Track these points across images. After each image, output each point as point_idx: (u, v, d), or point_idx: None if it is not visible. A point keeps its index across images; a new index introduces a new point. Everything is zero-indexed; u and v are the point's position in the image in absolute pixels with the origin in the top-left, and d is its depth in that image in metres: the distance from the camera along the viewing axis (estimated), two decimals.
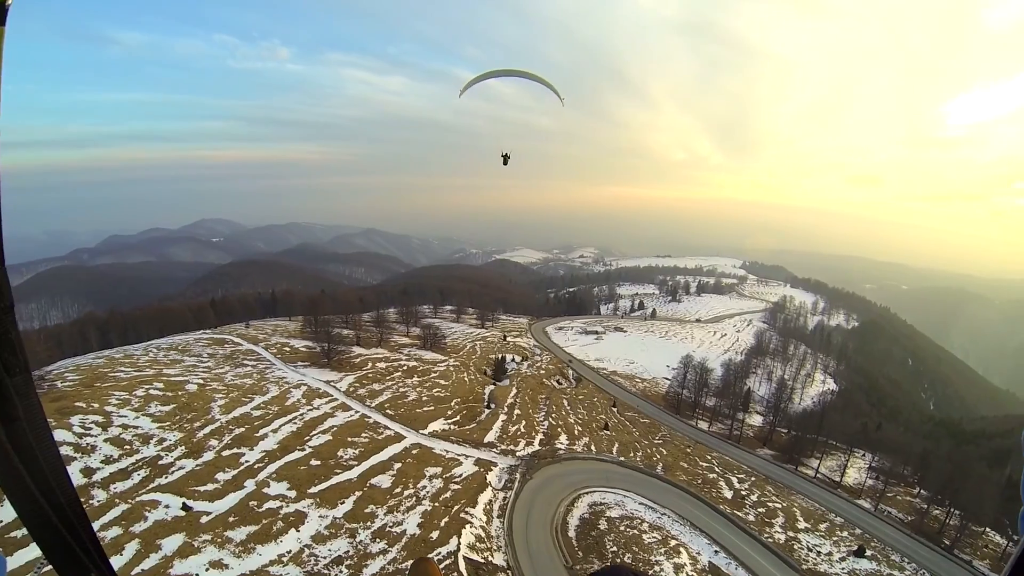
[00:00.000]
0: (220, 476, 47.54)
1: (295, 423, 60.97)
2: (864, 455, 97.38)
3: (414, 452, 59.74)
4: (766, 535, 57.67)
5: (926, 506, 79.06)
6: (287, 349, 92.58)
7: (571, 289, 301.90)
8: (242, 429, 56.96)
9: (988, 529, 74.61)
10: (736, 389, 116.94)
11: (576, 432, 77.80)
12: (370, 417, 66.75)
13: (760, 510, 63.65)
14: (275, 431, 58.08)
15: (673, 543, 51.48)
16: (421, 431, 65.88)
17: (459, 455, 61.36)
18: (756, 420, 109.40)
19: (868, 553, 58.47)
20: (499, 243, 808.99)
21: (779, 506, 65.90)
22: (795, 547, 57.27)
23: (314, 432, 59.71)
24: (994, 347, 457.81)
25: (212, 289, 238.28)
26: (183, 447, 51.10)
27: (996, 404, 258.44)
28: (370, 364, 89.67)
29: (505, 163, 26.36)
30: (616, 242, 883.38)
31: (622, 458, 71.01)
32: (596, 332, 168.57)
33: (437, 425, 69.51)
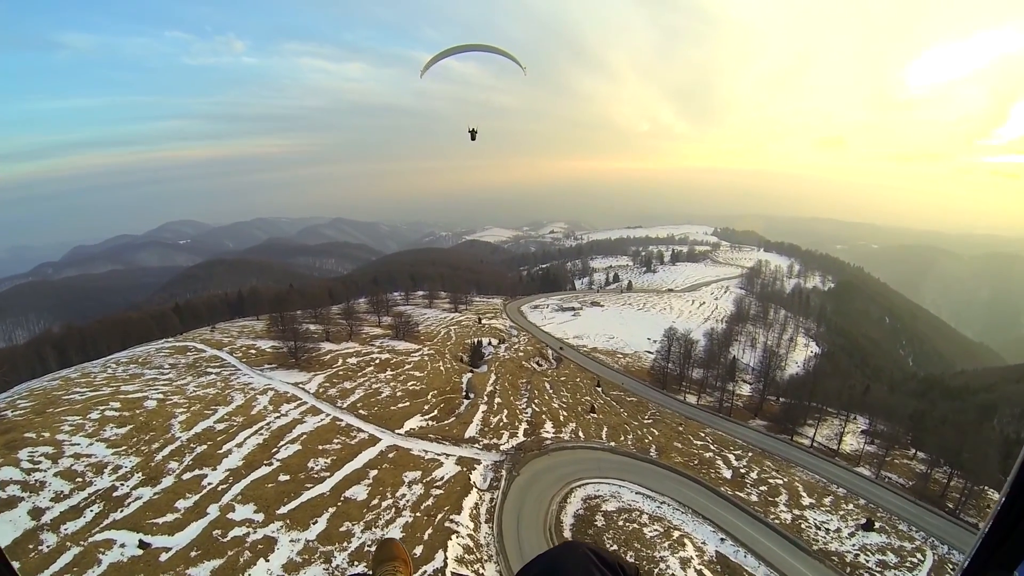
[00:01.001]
0: (180, 504, 43.21)
1: (261, 434, 56.25)
2: (856, 419, 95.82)
3: (391, 456, 55.26)
4: (772, 516, 54.60)
5: (925, 469, 77.72)
6: (253, 351, 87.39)
7: (544, 265, 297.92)
8: (204, 446, 52.21)
9: (988, 488, 73.14)
10: (721, 359, 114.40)
11: (562, 418, 73.79)
12: (342, 420, 62.11)
13: (762, 488, 60.49)
14: (240, 445, 53.37)
15: (676, 535, 47.86)
16: (397, 431, 61.35)
17: (439, 455, 56.93)
18: (744, 389, 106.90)
19: (877, 526, 56.01)
20: (468, 224, 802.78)
21: (780, 482, 62.89)
22: (803, 526, 54.32)
23: (282, 443, 55.06)
24: (964, 301, 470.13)
25: (180, 293, 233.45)
26: (140, 473, 46.61)
27: (972, 357, 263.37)
28: (340, 360, 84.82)
29: (473, 138, 26.78)
30: (585, 215, 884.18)
31: (613, 443, 67.19)
32: (573, 308, 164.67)
33: (414, 422, 64.99)
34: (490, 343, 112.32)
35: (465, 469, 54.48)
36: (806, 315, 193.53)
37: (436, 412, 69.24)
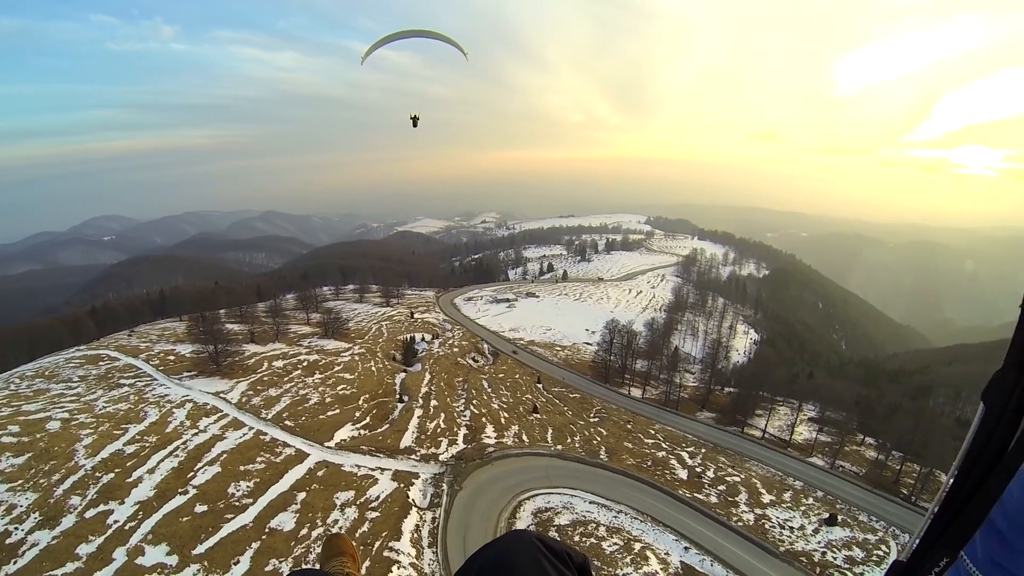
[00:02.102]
0: (83, 549, 36.62)
1: (177, 456, 49.15)
2: (802, 407, 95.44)
3: (320, 474, 49.06)
4: (735, 518, 51.52)
5: (876, 455, 77.61)
6: (171, 357, 78.62)
7: (476, 256, 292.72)
8: (111, 475, 44.89)
9: (937, 471, 73.24)
10: (664, 350, 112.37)
11: (503, 420, 68.87)
12: (266, 433, 55.21)
13: (720, 488, 57.45)
14: (152, 471, 46.22)
15: (638, 547, 43.75)
16: (326, 444, 54.99)
17: (373, 470, 50.92)
18: (688, 380, 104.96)
19: (839, 519, 54.21)
20: (400, 215, 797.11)
21: (738, 479, 60.20)
22: (766, 526, 51.58)
23: (199, 465, 48.10)
24: (889, 287, 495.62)
25: (102, 293, 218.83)
26: (38, 513, 39.54)
27: (901, 340, 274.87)
28: (266, 364, 77.30)
29: (415, 124, 26.84)
30: (518, 205, 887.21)
31: (560, 447, 62.60)
32: (508, 300, 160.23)
33: (345, 432, 58.74)
34: (423, 339, 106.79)
35: (402, 485, 48.86)
36: (743, 302, 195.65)
37: (368, 419, 63.18)
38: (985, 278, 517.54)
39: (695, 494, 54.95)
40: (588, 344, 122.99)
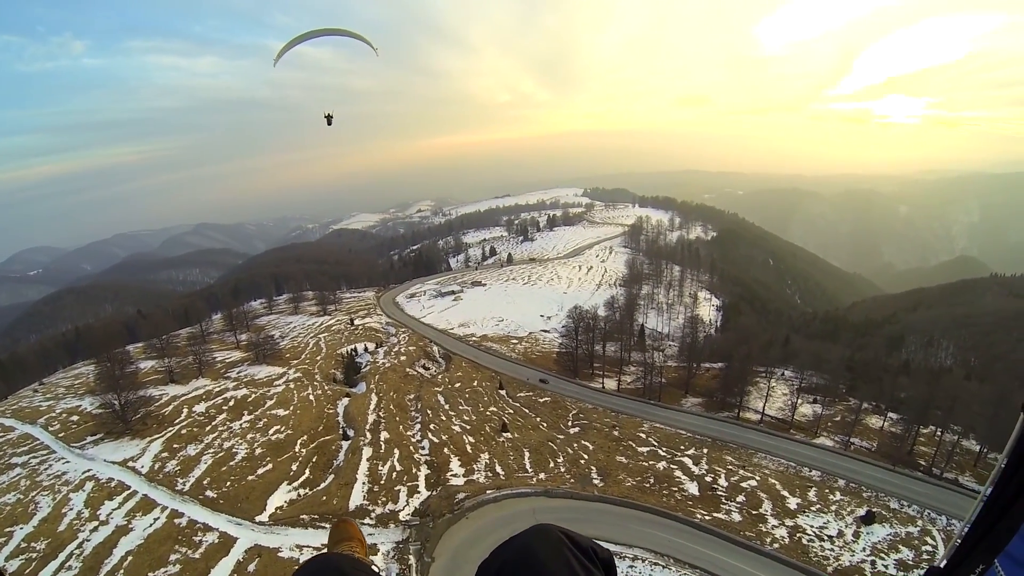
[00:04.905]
0: None
1: (70, 568, 37.58)
2: (783, 374, 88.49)
3: (252, 569, 37.53)
4: (768, 538, 42.56)
5: (882, 424, 71.05)
6: (75, 418, 64.66)
7: (415, 247, 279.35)
8: None
9: (939, 431, 67.20)
10: (631, 329, 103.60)
11: (469, 448, 57.77)
12: (182, 515, 43.06)
13: (739, 500, 48.30)
14: None
15: None
16: (258, 518, 43.31)
17: (319, 549, 39.58)
18: (663, 361, 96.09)
19: (875, 513, 46.87)
20: (335, 213, 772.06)
21: (754, 483, 51.42)
22: (803, 541, 43.45)
23: None
24: (830, 236, 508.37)
25: (24, 336, 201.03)
26: None
27: (852, 288, 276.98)
28: (185, 411, 64.23)
29: (329, 123, 26.20)
30: (452, 191, 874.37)
31: (543, 475, 51.81)
32: (453, 292, 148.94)
33: (280, 497, 47.14)
34: (366, 349, 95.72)
35: None
36: (697, 267, 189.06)
37: (308, 472, 51.51)
38: (918, 220, 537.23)
39: (714, 514, 45.61)
40: (545, 332, 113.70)
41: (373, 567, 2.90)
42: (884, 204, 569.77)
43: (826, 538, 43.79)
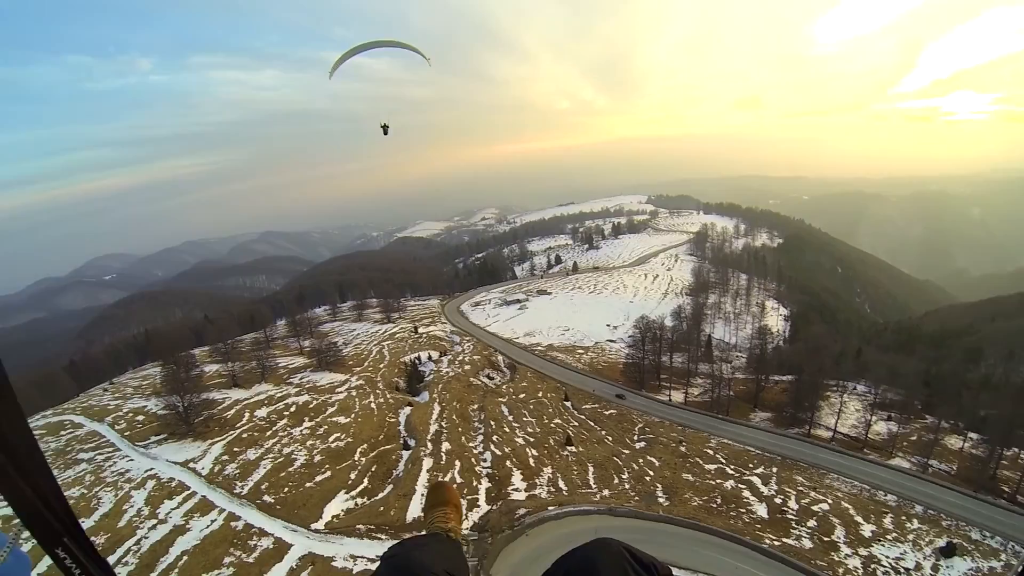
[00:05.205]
0: None
1: (126, 564, 38.52)
2: (855, 388, 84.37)
3: None
4: (841, 569, 40.27)
5: (962, 445, 66.63)
6: (140, 418, 67.38)
7: (480, 255, 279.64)
8: None
9: (1022, 452, 62.67)
10: (698, 340, 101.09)
11: (532, 461, 57.12)
12: (239, 518, 43.88)
13: (810, 524, 46.05)
14: None
15: None
16: (313, 526, 43.58)
17: (373, 560, 39.36)
18: (730, 372, 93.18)
19: (955, 544, 43.71)
20: (399, 221, 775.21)
21: (825, 506, 48.94)
22: (877, 573, 40.58)
23: None
24: (898, 241, 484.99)
25: (98, 337, 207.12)
26: None
27: (926, 297, 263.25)
28: (247, 415, 65.79)
29: (385, 133, 25.87)
30: (516, 198, 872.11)
31: (607, 492, 50.65)
32: (518, 300, 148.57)
33: (337, 505, 47.51)
34: (430, 358, 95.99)
35: None
36: (764, 275, 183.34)
37: (367, 481, 51.78)
38: (992, 223, 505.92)
39: (784, 539, 43.56)
40: (611, 342, 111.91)
41: (460, 541, 2.90)
42: (955, 206, 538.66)
43: (903, 571, 41.20)
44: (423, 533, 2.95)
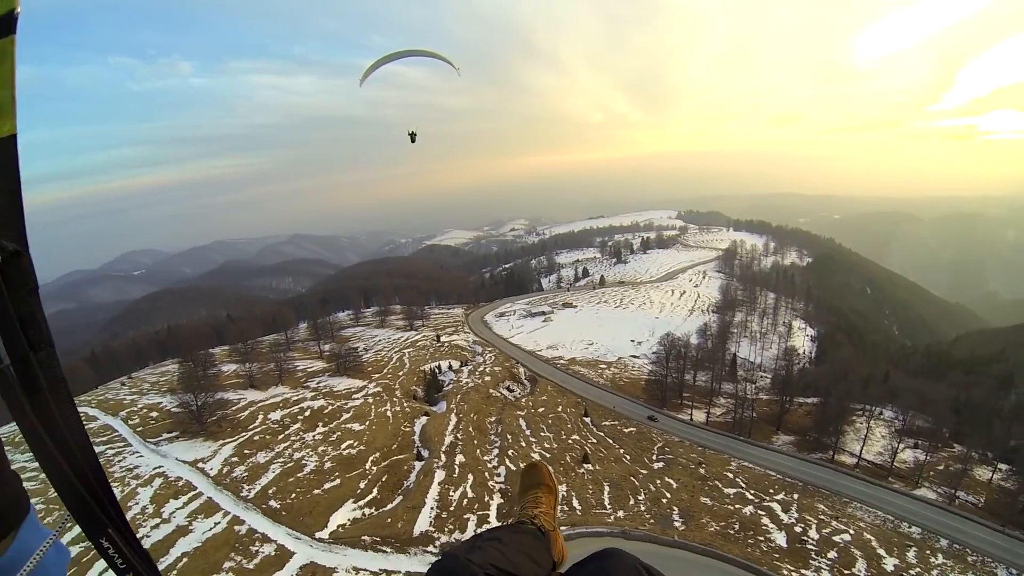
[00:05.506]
0: None
1: None
2: (882, 413, 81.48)
3: None
4: None
5: (991, 475, 63.81)
6: (154, 414, 67.13)
7: (507, 266, 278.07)
8: None
9: None
10: (723, 358, 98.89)
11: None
12: (243, 521, 43.23)
13: (831, 555, 44.05)
14: None
15: None
16: (318, 534, 42.67)
17: (376, 574, 38.78)
18: (754, 392, 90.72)
19: None
20: (428, 229, 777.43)
21: (847, 537, 46.91)
22: None
23: None
24: (930, 262, 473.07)
25: (123, 331, 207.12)
26: None
27: (956, 320, 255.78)
28: (260, 418, 65.27)
29: (413, 140, 25.89)
30: (546, 210, 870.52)
31: (622, 513, 49.06)
32: (543, 312, 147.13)
33: (344, 514, 46.54)
34: (450, 367, 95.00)
35: None
36: (792, 295, 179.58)
37: (376, 491, 50.89)
38: None
39: (803, 570, 41.67)
40: (635, 357, 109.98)
41: (545, 528, 2.62)
42: (989, 228, 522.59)
43: None
44: (507, 523, 2.81)
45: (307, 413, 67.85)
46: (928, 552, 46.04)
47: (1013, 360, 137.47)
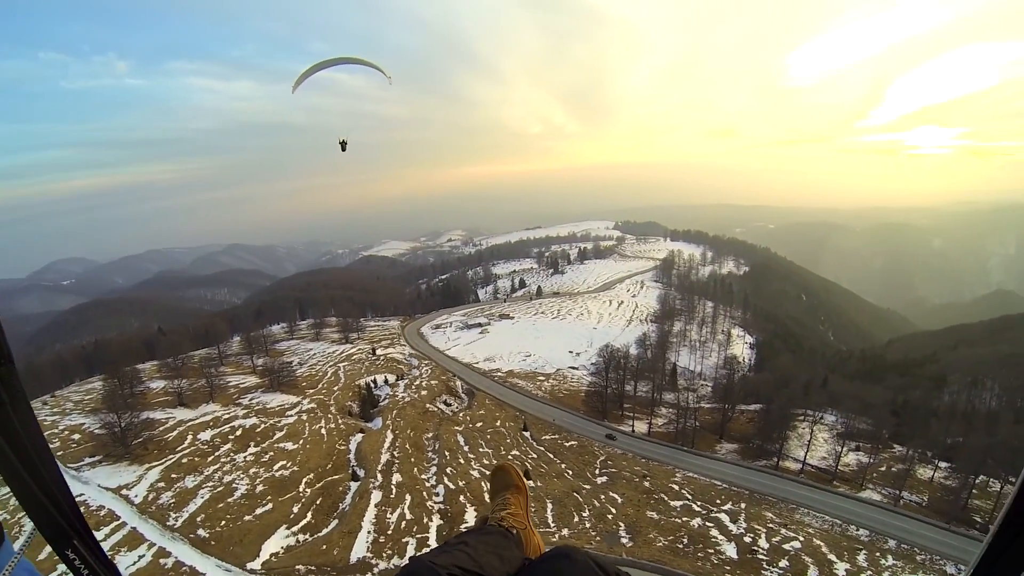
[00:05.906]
0: None
1: None
2: (822, 417, 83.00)
3: None
4: None
5: (932, 474, 65.31)
6: (76, 436, 61.79)
7: (443, 277, 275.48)
8: None
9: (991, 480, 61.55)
10: (663, 367, 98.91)
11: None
12: (169, 554, 39.49)
13: (782, 564, 43.21)
14: None
15: None
16: (249, 565, 39.48)
17: None
18: (695, 401, 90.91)
19: None
20: (366, 239, 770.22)
21: (797, 544, 46.32)
22: None
23: None
24: (861, 270, 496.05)
25: (48, 344, 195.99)
26: None
27: (888, 325, 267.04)
28: (189, 438, 61.23)
29: (344, 149, 24.81)
30: (483, 221, 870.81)
31: (566, 531, 47.33)
32: (479, 324, 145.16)
33: (276, 542, 43.48)
34: (386, 381, 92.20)
35: None
36: (730, 303, 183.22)
37: (310, 515, 47.83)
38: (953, 253, 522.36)
39: None
40: (574, 368, 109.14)
41: (513, 530, 2.70)
42: (917, 237, 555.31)
43: None
44: (473, 528, 2.85)
45: (238, 432, 64.07)
46: (878, 554, 46.03)
47: (944, 362, 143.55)
